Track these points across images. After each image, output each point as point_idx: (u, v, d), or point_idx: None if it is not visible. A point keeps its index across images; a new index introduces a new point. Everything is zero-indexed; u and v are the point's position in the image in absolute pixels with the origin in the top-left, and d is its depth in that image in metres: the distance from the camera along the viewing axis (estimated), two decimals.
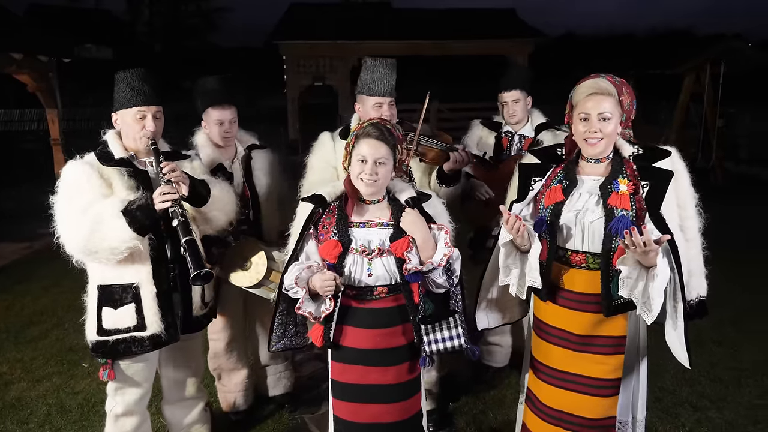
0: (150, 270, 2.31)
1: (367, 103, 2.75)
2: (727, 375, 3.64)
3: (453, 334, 2.19)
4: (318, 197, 2.21)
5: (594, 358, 2.17)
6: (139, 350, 2.33)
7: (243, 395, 3.23)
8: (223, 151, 2.97)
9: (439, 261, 2.09)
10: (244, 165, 3.02)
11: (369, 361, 2.15)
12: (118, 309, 2.30)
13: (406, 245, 2.08)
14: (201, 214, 2.48)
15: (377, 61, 2.74)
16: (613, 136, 2.11)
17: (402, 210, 2.16)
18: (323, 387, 3.59)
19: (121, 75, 2.37)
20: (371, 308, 2.15)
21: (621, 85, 2.12)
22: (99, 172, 2.28)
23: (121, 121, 2.39)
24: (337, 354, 2.19)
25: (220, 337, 3.05)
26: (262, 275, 2.67)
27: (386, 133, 2.14)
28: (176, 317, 2.40)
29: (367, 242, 2.12)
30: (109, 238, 2.15)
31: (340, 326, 2.15)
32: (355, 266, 2.11)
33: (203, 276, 2.05)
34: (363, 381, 2.16)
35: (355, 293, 2.14)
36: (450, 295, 2.21)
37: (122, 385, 2.43)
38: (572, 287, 2.18)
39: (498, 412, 3.29)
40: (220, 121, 2.89)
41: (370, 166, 2.09)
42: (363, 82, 2.76)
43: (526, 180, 2.28)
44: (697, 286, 2.24)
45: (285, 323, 2.27)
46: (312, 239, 2.18)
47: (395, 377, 2.18)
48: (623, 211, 2.03)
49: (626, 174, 2.10)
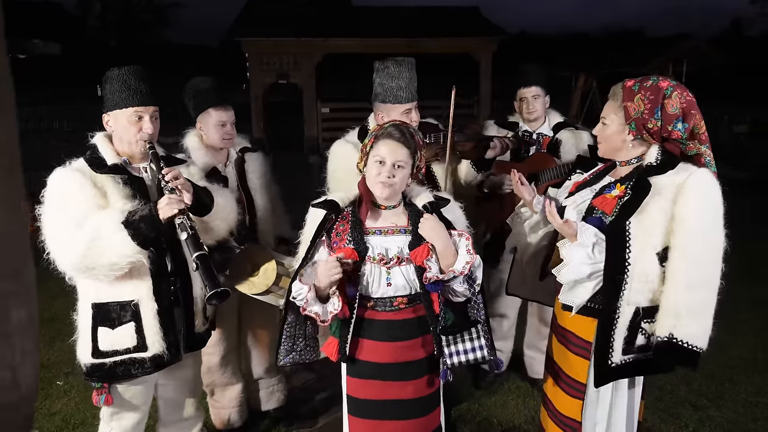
0: (150, 285, 2.13)
1: (393, 112, 2.58)
2: (720, 372, 3.67)
3: (476, 346, 2.09)
4: (330, 203, 2.08)
5: (566, 352, 2.19)
6: (139, 372, 2.15)
7: (237, 411, 3.06)
8: (217, 154, 2.81)
9: (461, 269, 1.98)
10: (238, 168, 2.87)
11: (387, 376, 2.04)
12: (116, 329, 2.11)
13: (426, 253, 1.97)
14: (203, 224, 2.31)
15: (402, 66, 2.58)
16: (612, 141, 2.10)
17: (420, 216, 2.05)
18: (317, 399, 3.47)
19: (115, 72, 2.17)
20: (390, 320, 2.04)
21: (638, 91, 2.00)
22: (92, 180, 2.09)
23: (114, 122, 2.19)
24: (354, 369, 2.07)
25: (215, 351, 2.88)
26: (272, 281, 2.52)
27: (408, 135, 2.04)
28: (178, 335, 2.22)
29: (384, 250, 2.01)
30: (109, 253, 1.96)
31: (356, 339, 2.04)
32: (373, 275, 1.99)
33: (220, 294, 1.89)
34: (381, 396, 2.05)
35: (372, 304, 2.03)
36: (471, 303, 2.11)
37: (119, 409, 2.24)
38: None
39: (502, 418, 3.23)
40: (222, 122, 2.74)
41: (388, 168, 1.98)
42: (387, 89, 2.58)
43: (569, 172, 2.45)
44: (667, 326, 1.95)
45: (293, 336, 2.12)
46: (324, 247, 2.05)
47: (415, 392, 2.07)
48: (601, 214, 2.05)
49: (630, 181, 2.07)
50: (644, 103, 1.98)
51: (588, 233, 2.00)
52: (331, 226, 2.06)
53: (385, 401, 2.06)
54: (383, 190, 2.00)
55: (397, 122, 2.09)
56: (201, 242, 1.99)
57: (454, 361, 2.05)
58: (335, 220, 2.07)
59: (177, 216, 2.00)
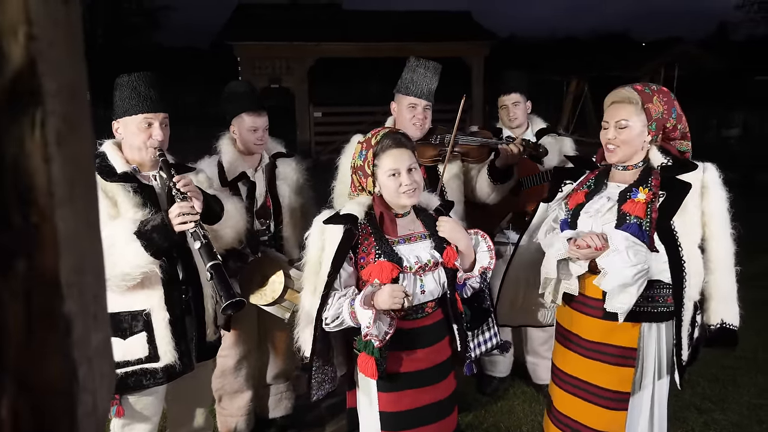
0: (162, 294, 2.10)
1: (402, 102, 2.68)
2: (723, 374, 3.69)
3: (491, 334, 2.21)
4: (350, 217, 1.97)
5: (602, 366, 2.16)
6: (151, 383, 2.12)
7: (245, 420, 3.03)
8: (248, 158, 2.81)
9: (488, 264, 2.06)
10: (268, 174, 2.85)
11: (422, 383, 2.03)
12: (128, 339, 2.09)
13: (456, 254, 2.01)
14: (212, 232, 2.29)
15: (419, 62, 2.66)
16: (634, 144, 2.10)
17: (432, 219, 2.06)
18: (323, 406, 3.44)
19: (124, 79, 2.15)
20: (422, 326, 2.02)
21: (653, 93, 2.09)
22: (102, 189, 2.06)
23: (123, 129, 2.17)
24: (388, 384, 2.00)
25: (230, 353, 2.85)
26: (279, 293, 2.51)
27: (402, 138, 2.02)
28: (190, 344, 2.20)
29: (417, 257, 1.98)
30: (122, 264, 1.94)
31: (391, 353, 1.96)
32: (410, 286, 1.95)
33: (235, 304, 1.87)
34: (417, 404, 2.03)
35: (404, 314, 1.99)
36: (482, 296, 2.17)
37: (130, 421, 2.20)
38: (584, 291, 2.17)
39: (510, 423, 3.22)
40: (254, 127, 2.74)
41: (405, 176, 1.95)
42: (402, 80, 2.69)
43: (557, 182, 2.35)
44: (720, 312, 2.10)
45: (323, 365, 2.07)
46: (351, 266, 1.98)
47: (445, 391, 2.09)
48: (635, 219, 2.04)
49: (651, 184, 2.08)
50: (662, 104, 2.07)
51: (618, 238, 2.01)
52: (356, 242, 1.97)
53: (420, 408, 2.04)
54: (410, 198, 1.97)
55: (387, 131, 2.03)
56: (215, 251, 1.96)
57: (476, 352, 2.14)
58: (358, 235, 1.98)
59: (192, 226, 1.97)
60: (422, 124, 2.76)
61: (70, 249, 0.47)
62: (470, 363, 2.10)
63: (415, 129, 2.75)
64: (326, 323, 1.93)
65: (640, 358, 2.13)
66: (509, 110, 3.27)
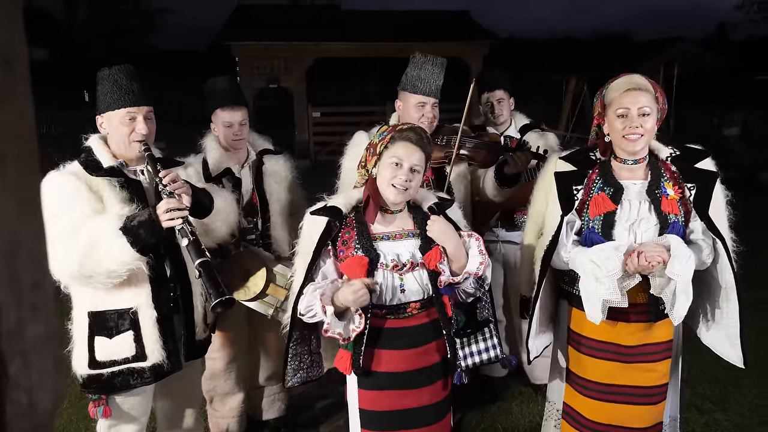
0: (149, 292, 2.05)
1: (409, 101, 2.62)
2: (724, 375, 3.64)
3: (489, 345, 2.08)
4: (332, 209, 1.98)
5: (644, 366, 2.10)
6: (138, 383, 2.07)
7: (237, 421, 2.98)
8: (232, 154, 2.75)
9: (475, 270, 1.95)
10: (255, 171, 2.80)
11: (403, 384, 1.97)
12: (114, 338, 2.03)
13: (439, 256, 1.92)
14: (203, 226, 2.24)
15: (426, 58, 2.60)
16: (652, 134, 2.04)
17: (426, 218, 2.00)
18: (317, 407, 3.40)
19: (105, 73, 2.10)
20: (404, 327, 1.97)
21: (654, 83, 2.07)
22: (87, 184, 2.00)
23: (107, 124, 2.12)
24: (368, 381, 1.98)
25: (219, 356, 2.79)
26: (260, 288, 2.45)
27: (425, 140, 1.98)
28: (179, 343, 2.15)
29: (396, 256, 1.93)
30: (108, 260, 1.88)
31: (369, 350, 1.94)
32: (386, 283, 1.91)
33: (225, 302, 1.82)
34: (398, 406, 1.98)
35: (385, 312, 1.95)
36: (481, 303, 2.08)
37: (117, 421, 2.15)
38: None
39: (507, 424, 3.17)
40: (229, 123, 2.69)
41: (405, 172, 1.90)
42: (408, 78, 2.63)
43: (566, 189, 2.13)
44: None
45: (300, 353, 2.05)
46: (330, 257, 1.96)
47: (430, 398, 2.01)
48: (674, 217, 1.96)
49: (667, 177, 2.03)
50: (661, 95, 2.04)
51: (674, 243, 1.90)
52: (336, 235, 1.97)
53: (401, 411, 1.99)
54: (397, 195, 1.93)
55: (415, 126, 2.02)
56: (203, 248, 1.91)
57: (468, 362, 2.02)
58: (339, 227, 1.98)
59: (179, 222, 1.92)
60: (431, 123, 2.70)
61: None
62: (460, 372, 2.00)
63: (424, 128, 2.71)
64: (300, 314, 1.92)
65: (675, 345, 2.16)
66: (494, 107, 3.26)
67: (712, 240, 1.98)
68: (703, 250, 1.97)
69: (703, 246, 1.98)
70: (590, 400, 2.17)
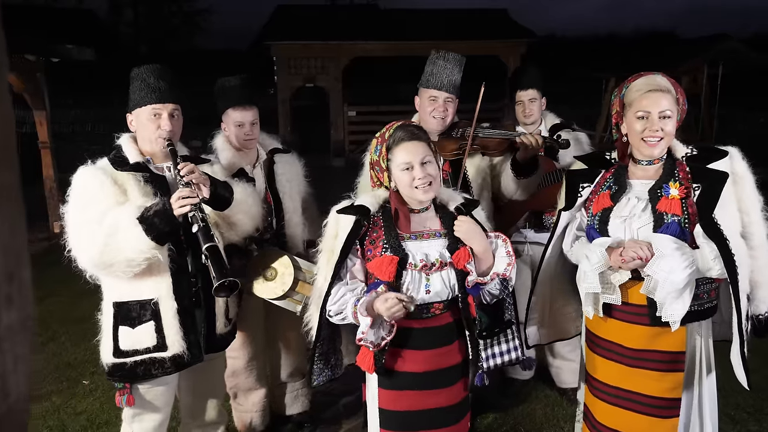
0: (170, 284, 2.11)
1: (423, 96, 2.64)
2: (764, 383, 3.51)
3: (511, 347, 2.04)
4: (361, 208, 1.97)
5: (649, 374, 2.04)
6: (159, 372, 2.13)
7: (260, 415, 3.03)
8: (244, 155, 2.77)
9: (503, 271, 1.93)
10: (267, 170, 2.83)
11: (425, 385, 1.97)
12: (136, 328, 2.10)
13: (467, 256, 1.91)
14: (225, 219, 2.29)
15: (439, 54, 2.62)
16: (672, 136, 1.99)
17: (453, 218, 1.98)
18: (341, 404, 3.42)
19: (135, 72, 2.18)
20: (427, 327, 1.96)
21: (675, 83, 2.02)
22: (113, 178, 2.08)
23: (136, 121, 2.20)
24: (389, 381, 1.97)
25: (240, 354, 2.84)
26: (288, 286, 2.48)
27: (416, 130, 1.96)
28: (199, 335, 2.20)
29: (424, 255, 1.92)
30: (126, 249, 1.95)
31: (392, 350, 1.93)
32: (413, 283, 1.90)
33: (228, 286, 1.85)
34: (419, 407, 1.98)
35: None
36: (504, 305, 2.04)
37: (140, 410, 2.21)
38: (625, 298, 2.05)
39: (530, 427, 3.13)
40: (239, 122, 2.70)
41: (419, 170, 1.89)
42: (423, 74, 2.67)
43: (573, 187, 2.17)
44: (766, 299, 2.05)
45: (326, 353, 2.05)
46: (357, 257, 1.97)
47: (450, 399, 2.01)
48: (674, 217, 1.91)
49: (679, 177, 1.97)
50: (682, 94, 2.00)
51: (662, 242, 1.88)
52: (365, 234, 1.97)
53: (421, 411, 1.98)
54: (426, 193, 1.92)
55: (399, 124, 2.01)
56: (212, 234, 1.96)
57: (490, 364, 1.99)
58: (368, 226, 1.97)
59: (191, 210, 1.97)
60: (443, 117, 2.68)
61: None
62: (481, 374, 1.98)
63: (436, 122, 2.68)
64: (329, 315, 1.93)
65: (688, 359, 2.05)
66: (525, 106, 3.21)
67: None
68: (705, 255, 1.90)
69: (706, 250, 1.90)
70: (601, 402, 2.15)
